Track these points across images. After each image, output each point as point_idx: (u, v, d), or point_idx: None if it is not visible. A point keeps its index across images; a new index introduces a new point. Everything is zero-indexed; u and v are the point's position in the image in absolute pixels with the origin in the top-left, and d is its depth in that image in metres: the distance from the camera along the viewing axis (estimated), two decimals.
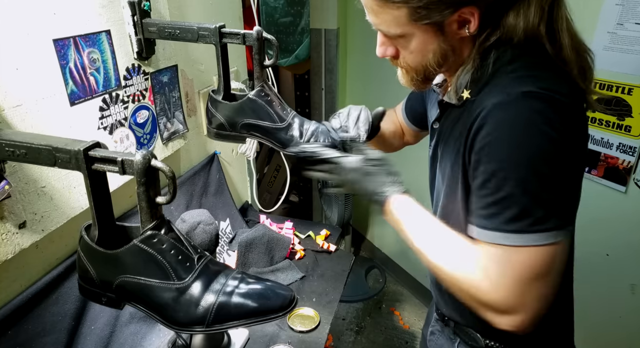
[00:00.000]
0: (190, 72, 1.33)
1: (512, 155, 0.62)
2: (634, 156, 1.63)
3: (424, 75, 0.77)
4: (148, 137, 1.14)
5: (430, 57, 0.73)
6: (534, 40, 0.69)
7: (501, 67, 0.69)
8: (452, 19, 0.68)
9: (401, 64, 0.78)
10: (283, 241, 1.46)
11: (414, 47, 0.73)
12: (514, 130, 0.62)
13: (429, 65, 0.75)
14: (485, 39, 0.71)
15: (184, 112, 1.29)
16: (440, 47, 0.72)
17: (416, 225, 0.76)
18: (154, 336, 1.14)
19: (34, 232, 0.84)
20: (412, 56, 0.75)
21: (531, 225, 0.62)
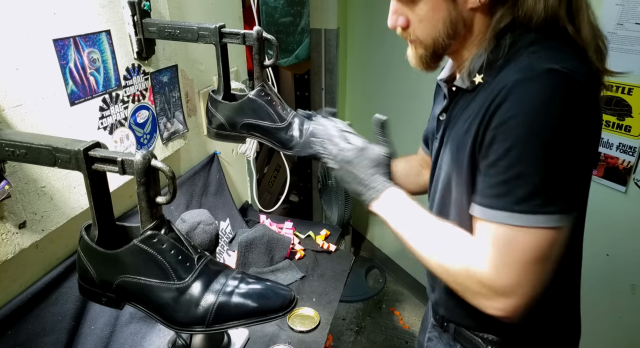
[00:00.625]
0: (190, 72, 1.33)
1: (529, 132, 0.61)
2: (634, 156, 1.63)
3: (433, 51, 0.76)
4: (148, 137, 1.14)
5: (440, 26, 0.72)
6: (553, 23, 0.67)
7: (521, 48, 0.67)
8: None
9: (411, 37, 0.76)
10: (283, 241, 1.46)
11: (424, 14, 0.72)
12: (535, 107, 0.61)
13: (439, 36, 0.73)
14: (501, 18, 0.69)
15: (184, 112, 1.29)
16: (450, 15, 0.71)
17: (412, 219, 0.77)
18: (154, 336, 1.14)
19: (34, 232, 0.84)
20: (422, 26, 0.73)
21: (540, 206, 0.61)
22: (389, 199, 0.79)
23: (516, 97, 0.62)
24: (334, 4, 2.43)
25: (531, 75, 0.62)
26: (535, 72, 0.62)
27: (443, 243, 0.72)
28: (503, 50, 0.69)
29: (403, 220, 0.77)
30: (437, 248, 0.72)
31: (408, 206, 0.78)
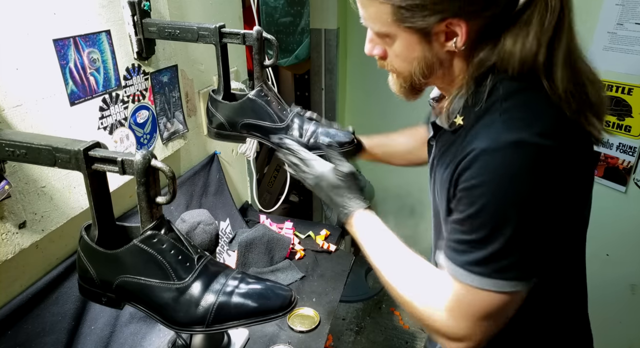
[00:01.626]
0: (190, 72, 1.33)
1: (491, 204, 0.61)
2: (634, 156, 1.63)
3: (410, 84, 0.75)
4: (148, 137, 1.14)
5: (415, 65, 0.70)
6: (531, 73, 0.64)
7: (496, 101, 0.65)
8: (439, 28, 0.65)
9: (388, 67, 0.75)
10: (283, 241, 1.46)
11: (399, 50, 0.70)
12: (499, 179, 0.60)
13: (414, 74, 0.72)
14: (480, 62, 0.67)
15: (184, 112, 1.29)
16: (425, 56, 0.69)
17: (376, 244, 0.79)
18: (154, 336, 1.14)
19: (34, 232, 0.84)
20: (398, 60, 0.72)
21: (494, 271, 0.62)
22: (357, 223, 0.82)
23: (480, 167, 0.61)
24: (334, 4, 2.43)
25: (496, 146, 0.61)
26: (501, 144, 0.60)
27: (409, 278, 0.73)
28: (482, 97, 0.66)
29: (373, 244, 0.79)
30: (403, 282, 0.73)
31: (377, 230, 0.80)
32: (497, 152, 0.60)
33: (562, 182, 0.61)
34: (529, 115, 0.63)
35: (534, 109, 0.64)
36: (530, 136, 0.60)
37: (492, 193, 0.61)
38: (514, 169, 0.60)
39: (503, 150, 0.60)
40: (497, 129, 0.62)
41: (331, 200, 0.85)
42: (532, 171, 0.60)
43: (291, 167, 0.91)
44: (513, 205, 0.60)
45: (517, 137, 0.60)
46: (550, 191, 0.60)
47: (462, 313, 0.65)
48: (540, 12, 0.62)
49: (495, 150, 0.61)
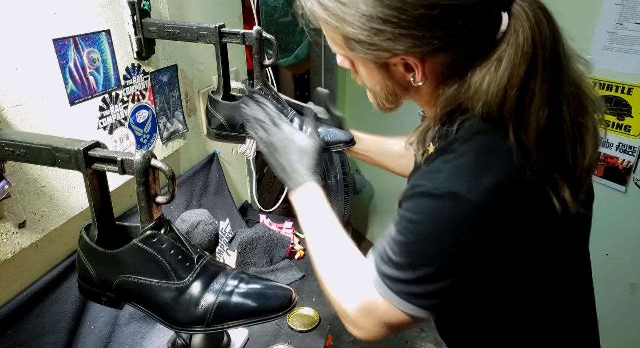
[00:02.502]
0: (190, 72, 1.33)
1: (415, 242, 0.61)
2: (633, 156, 1.63)
3: (381, 102, 0.73)
4: (148, 137, 1.14)
5: (378, 89, 0.69)
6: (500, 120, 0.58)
7: (458, 140, 0.61)
8: (395, 61, 0.62)
9: (358, 81, 0.74)
10: (283, 241, 1.46)
11: (363, 74, 0.69)
12: (429, 224, 0.60)
13: (379, 95, 0.70)
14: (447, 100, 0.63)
15: (184, 112, 1.29)
16: (386, 84, 0.67)
17: (313, 219, 0.79)
18: (154, 336, 1.14)
19: (34, 232, 0.84)
20: (363, 78, 0.71)
21: (404, 293, 0.63)
22: (303, 195, 0.80)
23: (417, 205, 0.62)
24: None
25: (436, 192, 0.59)
26: (439, 191, 0.58)
27: (335, 262, 0.74)
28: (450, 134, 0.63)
29: (310, 220, 0.79)
30: (328, 264, 0.74)
31: (319, 208, 0.79)
32: (434, 198, 0.59)
33: (495, 241, 0.59)
34: (480, 166, 0.58)
35: (489, 158, 0.59)
36: (469, 191, 0.56)
37: (419, 233, 0.61)
38: (444, 219, 0.59)
39: (440, 198, 0.59)
40: (445, 173, 0.60)
41: (288, 165, 0.82)
42: (459, 226, 0.58)
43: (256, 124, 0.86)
44: (434, 251, 0.60)
45: (457, 189, 0.57)
46: (479, 246, 0.59)
47: (368, 311, 0.67)
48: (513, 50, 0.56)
49: (433, 195, 0.59)
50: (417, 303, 0.63)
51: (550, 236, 0.65)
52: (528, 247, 0.63)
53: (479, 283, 0.64)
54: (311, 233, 0.78)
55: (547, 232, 0.64)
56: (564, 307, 0.76)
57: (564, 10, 0.72)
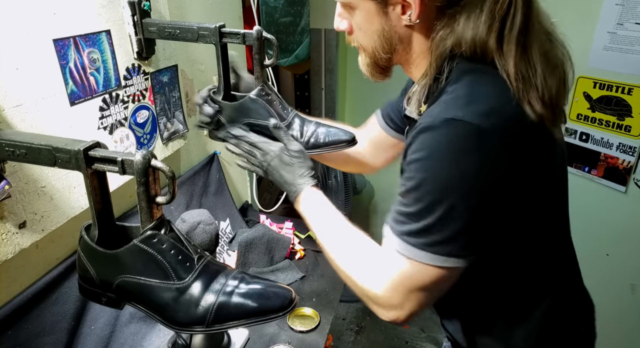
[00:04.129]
0: (190, 72, 1.33)
1: (426, 179, 0.62)
2: (634, 156, 1.63)
3: (374, 62, 0.76)
4: (148, 137, 1.14)
5: (375, 38, 0.73)
6: (484, 53, 0.65)
7: (449, 84, 0.67)
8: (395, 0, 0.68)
9: (354, 42, 0.77)
10: (283, 241, 1.46)
11: (360, 22, 0.73)
12: (432, 156, 0.62)
13: (375, 49, 0.74)
14: (439, 41, 0.68)
15: (184, 112, 1.29)
16: (383, 29, 0.71)
17: (321, 221, 0.81)
18: (154, 336, 1.14)
19: (34, 232, 0.84)
20: (361, 34, 0.74)
21: (426, 244, 0.63)
22: (303, 202, 0.83)
23: (420, 142, 0.63)
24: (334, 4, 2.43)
25: (432, 123, 0.62)
26: (436, 122, 0.62)
27: (351, 252, 0.75)
28: (440, 82, 0.69)
29: (317, 222, 0.81)
30: (345, 256, 0.75)
31: (320, 208, 0.82)
32: (434, 129, 0.62)
33: (493, 161, 0.61)
34: (470, 95, 0.64)
35: (478, 89, 0.65)
36: (465, 115, 0.60)
37: (427, 169, 0.62)
38: (445, 146, 0.61)
39: (438, 128, 0.61)
40: (439, 108, 0.64)
41: (282, 179, 0.86)
42: (460, 150, 0.61)
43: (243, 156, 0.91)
44: (445, 182, 0.61)
45: (452, 115, 0.61)
46: (483, 170, 0.61)
47: (396, 283, 0.66)
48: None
49: (432, 127, 0.62)
50: (443, 251, 0.63)
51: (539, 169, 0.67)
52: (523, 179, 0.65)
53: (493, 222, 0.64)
54: (321, 234, 0.79)
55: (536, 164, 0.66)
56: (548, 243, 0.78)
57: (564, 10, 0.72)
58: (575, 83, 1.74)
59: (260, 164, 0.88)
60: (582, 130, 1.77)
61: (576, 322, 0.84)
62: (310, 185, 0.83)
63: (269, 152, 0.87)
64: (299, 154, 0.87)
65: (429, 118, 0.63)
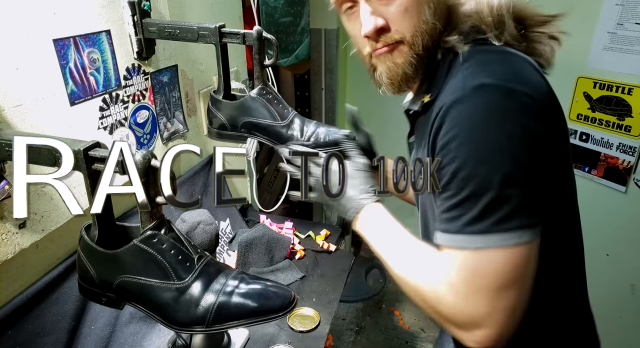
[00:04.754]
0: (190, 72, 1.33)
1: (471, 151, 0.58)
2: (634, 156, 1.63)
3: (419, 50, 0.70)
4: (148, 137, 1.14)
5: (424, 7, 0.69)
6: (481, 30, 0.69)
7: (456, 67, 0.67)
8: None
9: (393, 38, 0.70)
10: (283, 241, 1.46)
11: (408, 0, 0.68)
12: (472, 126, 0.59)
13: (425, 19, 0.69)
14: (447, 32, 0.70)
15: (184, 112, 1.29)
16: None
17: (383, 236, 0.74)
18: (154, 336, 1.14)
19: (34, 232, 0.84)
20: (408, 15, 0.68)
21: (495, 224, 0.57)
22: (365, 219, 0.76)
23: (453, 118, 0.60)
24: None
25: (463, 94, 0.60)
26: (467, 91, 0.60)
27: (417, 269, 0.67)
28: (444, 69, 0.69)
29: (379, 241, 0.74)
30: (412, 274, 0.67)
31: (384, 225, 0.74)
32: (465, 100, 0.60)
33: (532, 120, 0.59)
34: (488, 66, 0.64)
35: (492, 61, 0.65)
36: (493, 80, 0.60)
37: (470, 140, 0.59)
38: (484, 111, 0.59)
39: (469, 97, 0.60)
40: (461, 81, 0.63)
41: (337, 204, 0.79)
42: (501, 110, 0.58)
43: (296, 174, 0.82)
44: (494, 147, 0.57)
45: (480, 82, 0.60)
46: (524, 127, 0.58)
47: (472, 287, 0.58)
48: None
49: (462, 98, 0.60)
50: (515, 224, 0.57)
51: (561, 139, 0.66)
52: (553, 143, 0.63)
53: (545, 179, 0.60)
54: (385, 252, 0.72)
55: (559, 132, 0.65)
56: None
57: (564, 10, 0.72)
58: (575, 83, 1.74)
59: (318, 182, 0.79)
60: (582, 130, 1.77)
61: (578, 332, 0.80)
62: (372, 202, 0.76)
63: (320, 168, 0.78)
64: (365, 168, 0.80)
65: (454, 92, 0.61)
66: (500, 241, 0.57)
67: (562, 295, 0.77)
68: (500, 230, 0.57)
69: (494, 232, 0.57)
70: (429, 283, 0.63)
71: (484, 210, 0.57)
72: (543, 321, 0.75)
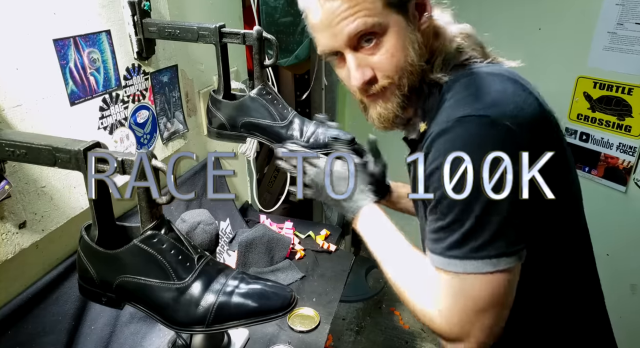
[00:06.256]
0: (190, 72, 1.33)
1: None
2: (634, 156, 1.63)
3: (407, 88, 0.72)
4: (148, 137, 1.14)
5: (410, 50, 0.70)
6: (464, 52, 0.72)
7: (442, 97, 0.69)
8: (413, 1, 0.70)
9: (382, 84, 0.72)
10: (283, 241, 1.46)
11: (392, 43, 0.69)
12: (454, 156, 0.61)
13: (413, 62, 0.70)
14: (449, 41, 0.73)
15: (184, 112, 1.29)
16: (415, 36, 0.71)
17: (380, 240, 0.78)
18: (154, 336, 1.14)
19: (34, 232, 0.84)
20: (394, 59, 0.70)
21: (472, 251, 0.60)
22: (363, 219, 0.80)
23: (436, 149, 0.63)
24: None
25: (446, 126, 0.62)
26: (449, 123, 0.62)
27: (409, 280, 0.71)
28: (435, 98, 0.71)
29: (376, 245, 0.78)
30: (404, 283, 0.71)
31: (380, 229, 0.79)
32: (448, 131, 0.62)
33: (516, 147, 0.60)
34: (470, 94, 0.65)
35: (475, 89, 0.66)
36: (472, 110, 0.61)
37: (453, 169, 0.60)
38: (464, 143, 0.60)
39: (452, 128, 0.62)
40: (446, 112, 0.65)
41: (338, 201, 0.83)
42: (482, 139, 0.60)
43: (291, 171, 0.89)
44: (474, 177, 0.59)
45: (462, 113, 0.62)
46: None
47: (454, 308, 0.62)
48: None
49: (446, 130, 0.62)
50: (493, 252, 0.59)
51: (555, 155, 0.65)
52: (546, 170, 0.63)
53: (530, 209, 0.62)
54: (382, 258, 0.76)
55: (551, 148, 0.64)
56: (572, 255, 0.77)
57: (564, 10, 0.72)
58: (575, 83, 1.74)
59: (313, 181, 0.84)
60: (582, 130, 1.77)
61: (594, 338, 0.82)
62: (370, 202, 0.80)
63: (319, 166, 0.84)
64: (359, 168, 0.84)
65: (440, 124, 0.64)
66: (477, 268, 0.60)
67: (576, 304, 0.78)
68: (477, 257, 0.60)
69: (471, 259, 0.61)
70: (418, 296, 0.68)
71: (463, 236, 0.61)
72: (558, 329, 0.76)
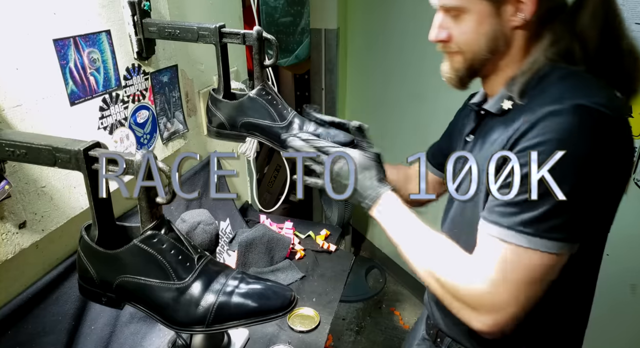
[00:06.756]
0: (190, 72, 1.33)
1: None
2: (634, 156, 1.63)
3: (470, 64, 0.76)
4: (148, 137, 1.14)
5: (482, 41, 0.73)
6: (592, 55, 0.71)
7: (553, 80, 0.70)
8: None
9: (452, 49, 0.76)
10: (283, 241, 1.46)
11: (468, 26, 0.73)
12: (562, 139, 0.62)
13: (480, 50, 0.74)
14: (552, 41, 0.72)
15: (184, 112, 1.29)
16: (493, 31, 0.72)
17: (404, 227, 0.78)
18: (154, 336, 1.14)
19: (34, 232, 0.84)
20: (465, 38, 0.74)
21: (546, 230, 0.63)
22: (384, 206, 0.80)
23: (545, 127, 0.64)
24: (334, 4, 2.43)
25: (561, 108, 0.63)
26: (565, 106, 0.63)
27: (437, 254, 0.73)
28: (538, 81, 0.71)
29: (398, 228, 0.79)
30: (431, 259, 0.73)
31: (402, 213, 0.79)
32: (562, 113, 0.63)
33: (615, 152, 0.64)
34: (585, 89, 0.66)
35: (588, 86, 0.68)
36: (590, 103, 0.63)
37: (554, 150, 0.62)
38: (577, 130, 0.62)
39: (567, 112, 0.63)
40: (559, 94, 0.66)
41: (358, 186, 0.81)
42: (592, 134, 0.62)
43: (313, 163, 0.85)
44: (572, 164, 0.62)
45: (579, 102, 0.63)
46: (606, 157, 0.63)
47: (506, 277, 0.65)
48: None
49: (560, 111, 0.63)
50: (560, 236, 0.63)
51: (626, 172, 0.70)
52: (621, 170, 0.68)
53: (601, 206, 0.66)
54: (405, 242, 0.77)
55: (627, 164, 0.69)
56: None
57: None
58: None
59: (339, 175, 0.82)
60: None
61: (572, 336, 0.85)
62: (389, 190, 0.81)
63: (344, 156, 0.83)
64: (377, 158, 0.85)
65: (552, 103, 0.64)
66: (544, 247, 0.63)
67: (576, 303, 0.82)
68: (548, 237, 0.63)
69: (542, 237, 0.63)
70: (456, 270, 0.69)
71: (542, 215, 0.63)
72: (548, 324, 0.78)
